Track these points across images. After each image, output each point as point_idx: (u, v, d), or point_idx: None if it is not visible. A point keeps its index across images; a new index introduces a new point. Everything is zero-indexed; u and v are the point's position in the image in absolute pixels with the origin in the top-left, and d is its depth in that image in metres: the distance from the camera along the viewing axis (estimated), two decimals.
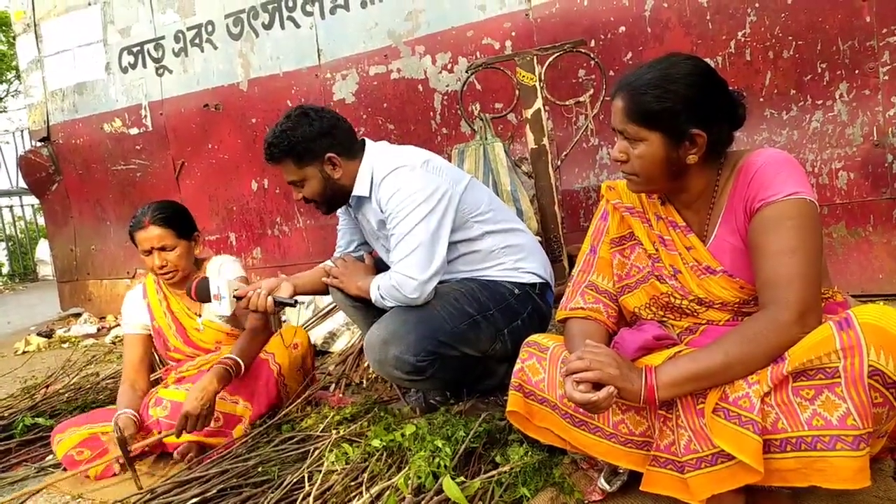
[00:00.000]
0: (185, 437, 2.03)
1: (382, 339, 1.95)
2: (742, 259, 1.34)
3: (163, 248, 2.20)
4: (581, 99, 2.99)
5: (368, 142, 2.17)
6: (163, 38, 4.77)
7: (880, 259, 2.94)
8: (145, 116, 4.95)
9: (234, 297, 2.10)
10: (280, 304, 2.12)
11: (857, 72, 2.90)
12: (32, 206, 10.44)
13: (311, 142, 2.04)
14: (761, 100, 3.06)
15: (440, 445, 1.68)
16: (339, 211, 2.38)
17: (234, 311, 2.12)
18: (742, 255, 1.34)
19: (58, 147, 5.48)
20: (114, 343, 4.34)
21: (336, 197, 2.15)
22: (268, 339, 2.28)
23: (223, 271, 2.30)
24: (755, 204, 1.30)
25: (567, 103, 3.03)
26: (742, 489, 1.29)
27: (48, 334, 4.96)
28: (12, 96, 15.22)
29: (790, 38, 2.99)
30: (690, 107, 1.28)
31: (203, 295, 2.11)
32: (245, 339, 2.21)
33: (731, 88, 1.35)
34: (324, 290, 2.30)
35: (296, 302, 2.16)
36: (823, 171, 3.01)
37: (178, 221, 2.25)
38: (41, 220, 10.31)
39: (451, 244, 2.04)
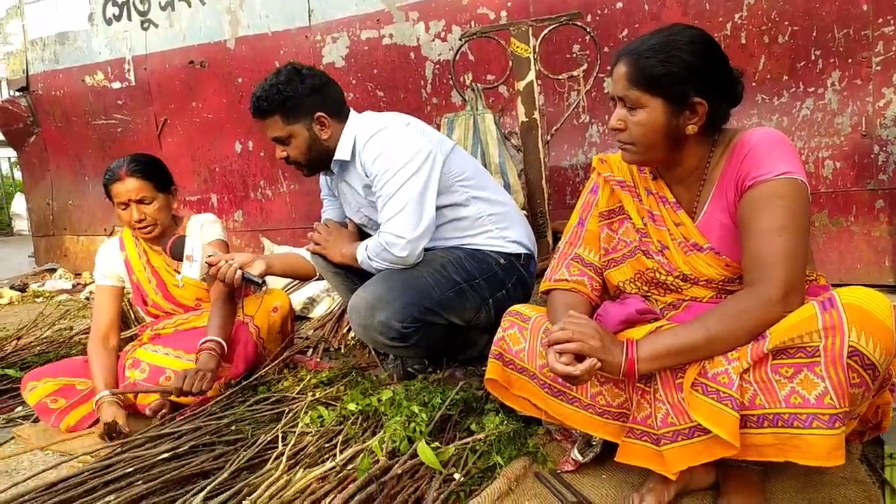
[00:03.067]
0: (153, 397, 2.02)
1: (369, 303, 1.93)
2: (730, 237, 1.34)
3: (141, 201, 2.14)
4: (574, 73, 2.96)
5: (352, 111, 2.15)
6: None
7: (860, 249, 2.98)
8: (128, 70, 4.83)
9: (206, 262, 2.08)
10: (247, 281, 2.11)
11: (850, 60, 2.90)
12: (9, 159, 10.21)
13: (302, 98, 2.01)
14: (754, 84, 3.06)
15: (416, 411, 1.67)
16: (321, 185, 2.36)
17: (203, 276, 2.10)
18: (730, 232, 1.34)
19: (37, 98, 5.33)
20: (88, 299, 4.27)
21: (320, 158, 2.12)
22: (234, 308, 2.24)
23: (204, 231, 2.26)
24: (747, 182, 1.29)
25: (560, 77, 3.00)
26: (714, 464, 1.30)
27: (21, 288, 4.87)
28: None
29: (786, 22, 2.98)
30: (693, 73, 1.27)
31: (177, 253, 2.09)
32: (216, 313, 2.15)
33: (730, 66, 1.33)
34: (295, 276, 2.29)
35: (263, 283, 2.14)
36: (810, 160, 3.02)
37: (156, 173, 2.19)
38: (18, 175, 10.10)
39: (438, 209, 2.02)
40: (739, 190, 1.31)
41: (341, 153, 2.09)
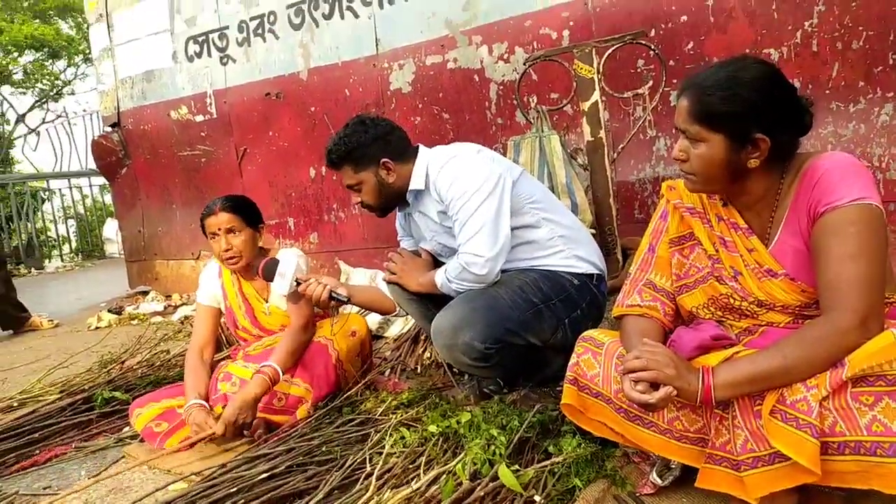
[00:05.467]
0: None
1: (453, 324, 2.02)
2: (804, 262, 1.35)
3: (230, 231, 2.32)
4: (639, 91, 2.97)
5: (422, 146, 2.28)
6: (227, 27, 4.92)
7: None
8: (210, 104, 5.13)
9: (295, 280, 2.23)
10: (335, 299, 2.24)
11: None
12: (99, 185, 10.90)
13: (366, 147, 2.17)
14: (827, 92, 2.98)
15: (495, 434, 1.74)
16: (397, 228, 2.52)
17: (290, 292, 2.24)
18: (804, 258, 1.35)
19: (127, 132, 5.73)
20: (181, 322, 4.55)
21: (390, 199, 2.27)
22: (310, 338, 2.37)
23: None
24: (819, 208, 1.30)
25: (625, 95, 3.02)
26: (797, 488, 1.31)
27: (118, 311, 5.23)
28: (80, 79, 15.90)
29: (860, 27, 2.90)
30: (756, 111, 1.29)
31: (269, 272, 2.25)
32: (288, 339, 2.29)
33: (799, 94, 1.35)
34: (375, 309, 2.46)
35: (349, 300, 2.28)
36: (892, 167, 2.92)
37: (245, 209, 2.38)
38: (107, 199, 10.79)
39: (512, 230, 2.10)
40: (812, 216, 1.32)
41: (415, 183, 2.21)
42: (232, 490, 1.68)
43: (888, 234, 1.31)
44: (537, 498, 1.51)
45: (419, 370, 2.79)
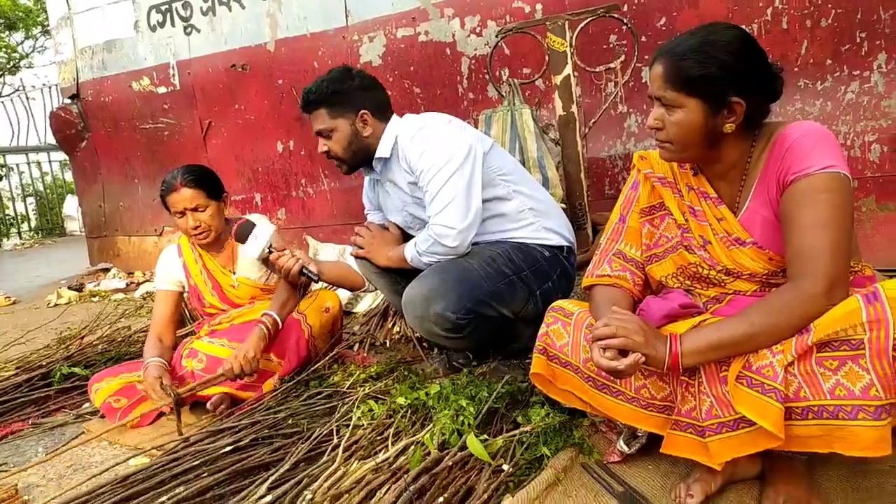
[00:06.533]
0: (217, 388, 2.12)
1: (424, 295, 2.00)
2: (772, 231, 1.35)
3: (195, 209, 2.25)
4: (612, 65, 2.96)
5: (395, 115, 2.23)
6: None
7: None
8: (173, 75, 4.98)
9: (269, 248, 2.17)
10: (305, 276, 2.19)
11: None
12: (59, 161, 10.58)
13: (349, 94, 2.11)
14: (796, 69, 3.01)
15: (464, 405, 1.73)
16: (364, 201, 2.45)
17: (261, 257, 2.18)
18: (773, 227, 1.35)
19: (87, 104, 5.54)
20: (143, 298, 4.45)
21: (359, 154, 2.20)
22: (297, 303, 2.35)
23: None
24: (789, 176, 1.30)
25: (597, 69, 3.00)
26: (760, 454, 1.32)
27: (78, 288, 5.09)
28: (38, 52, 15.33)
29: (829, 6, 2.92)
30: (731, 74, 1.28)
31: (243, 234, 2.19)
32: (282, 293, 2.28)
33: (770, 60, 1.34)
34: (344, 286, 2.43)
35: (318, 279, 2.23)
36: (856, 144, 2.97)
37: (209, 182, 2.30)
38: (68, 176, 10.48)
39: (483, 202, 2.07)
40: (781, 185, 1.32)
41: (382, 151, 2.16)
42: (195, 463, 1.65)
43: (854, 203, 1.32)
44: (505, 467, 1.51)
45: (388, 345, 2.77)
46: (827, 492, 1.36)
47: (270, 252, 2.18)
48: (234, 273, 2.39)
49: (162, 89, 5.07)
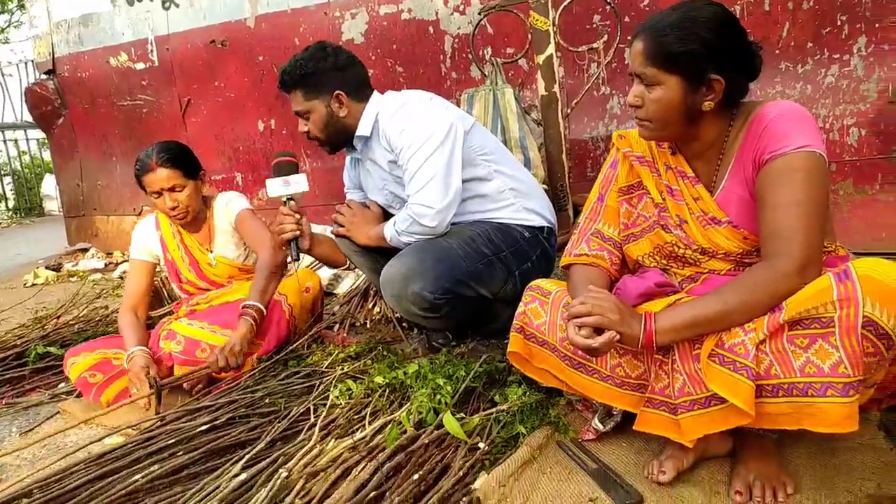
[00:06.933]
0: (188, 368, 2.11)
1: (402, 274, 1.98)
2: (748, 210, 1.36)
3: (172, 189, 2.21)
4: (595, 45, 2.94)
5: (375, 92, 2.19)
6: None
7: (885, 217, 2.95)
8: (151, 51, 4.88)
9: (291, 197, 2.12)
10: (294, 248, 2.15)
11: (877, 25, 2.84)
12: (38, 140, 10.38)
13: (322, 75, 2.07)
14: (777, 52, 3.01)
15: (441, 384, 1.73)
16: (345, 180, 2.41)
17: (273, 198, 2.13)
18: (748, 206, 1.36)
19: (63, 80, 5.42)
20: (121, 278, 4.39)
21: (338, 135, 2.17)
22: (280, 280, 2.32)
23: (230, 206, 2.34)
24: (764, 156, 1.30)
25: (580, 49, 2.99)
26: (731, 432, 1.34)
27: (56, 268, 5.02)
28: (14, 27, 14.97)
29: None
30: (711, 51, 1.27)
31: (280, 169, 2.11)
32: (261, 281, 2.23)
33: (749, 39, 1.34)
34: (327, 262, 2.38)
35: (297, 258, 2.19)
36: (835, 128, 2.98)
37: (185, 161, 2.26)
38: (46, 155, 10.29)
39: (463, 182, 2.06)
40: (757, 164, 1.32)
41: (362, 129, 2.14)
42: (170, 441, 1.64)
43: (830, 183, 1.33)
44: (481, 445, 1.51)
45: (368, 325, 2.76)
46: (796, 468, 1.38)
47: (285, 203, 2.13)
48: (212, 252, 2.36)
49: (140, 65, 4.97)
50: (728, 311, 1.24)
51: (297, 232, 2.13)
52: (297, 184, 2.11)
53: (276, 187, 2.11)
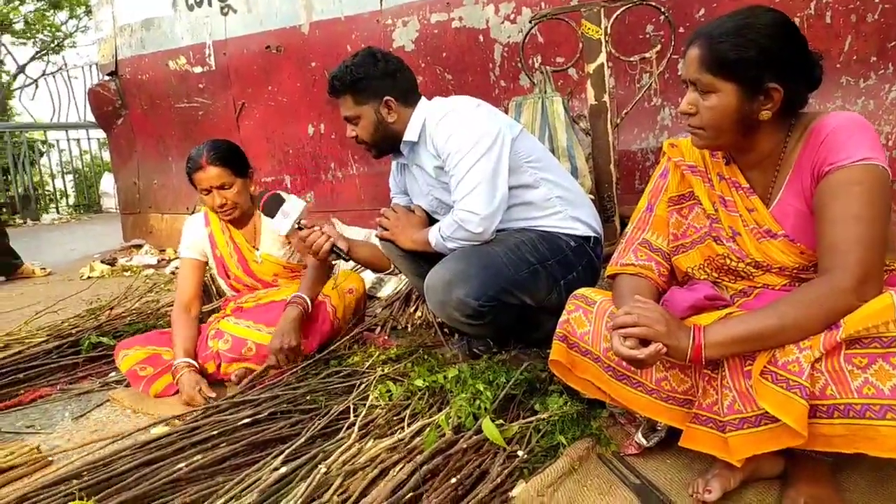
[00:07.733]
0: (236, 365, 2.16)
1: (447, 280, 1.98)
2: (805, 224, 1.31)
3: (221, 187, 2.27)
4: (647, 55, 2.90)
5: (423, 98, 2.20)
6: None
7: None
8: (209, 55, 5.03)
9: (298, 224, 2.14)
10: (335, 254, 2.16)
11: None
12: (98, 139, 10.79)
13: (372, 81, 2.08)
14: (838, 66, 2.92)
15: (481, 389, 1.72)
16: (391, 185, 2.43)
17: (289, 234, 2.16)
18: (805, 219, 1.31)
19: (124, 81, 5.63)
20: (173, 274, 4.52)
21: (386, 140, 2.19)
22: (325, 281, 2.36)
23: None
24: (824, 168, 1.26)
25: (632, 59, 2.95)
26: (783, 453, 1.29)
27: (111, 262, 5.20)
28: (81, 31, 15.65)
29: (876, 0, 2.82)
30: (769, 59, 1.24)
31: (271, 209, 2.14)
32: (310, 278, 2.29)
33: (809, 49, 1.30)
34: (371, 266, 2.38)
35: (348, 258, 2.20)
36: None
37: (234, 160, 2.31)
38: (106, 155, 10.68)
39: (509, 189, 2.05)
40: (816, 176, 1.28)
41: (410, 135, 2.15)
42: (214, 433, 1.67)
43: (892, 197, 1.27)
44: (520, 452, 1.50)
45: (410, 329, 2.77)
46: (852, 495, 1.32)
47: (300, 229, 2.15)
48: (258, 249, 2.41)
49: (198, 69, 5.13)
50: (782, 327, 1.20)
51: (330, 238, 2.15)
52: (294, 208, 2.14)
53: (282, 223, 2.13)
